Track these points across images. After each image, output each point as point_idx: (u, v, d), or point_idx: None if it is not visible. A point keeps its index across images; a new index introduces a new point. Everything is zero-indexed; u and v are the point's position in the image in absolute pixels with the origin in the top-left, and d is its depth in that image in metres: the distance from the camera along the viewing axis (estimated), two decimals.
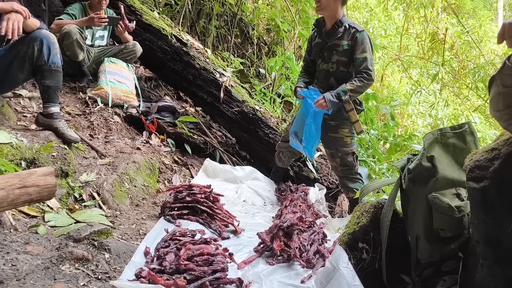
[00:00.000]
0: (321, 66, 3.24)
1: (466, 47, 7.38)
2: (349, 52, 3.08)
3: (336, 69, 3.14)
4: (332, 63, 3.15)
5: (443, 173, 1.77)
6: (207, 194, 2.65)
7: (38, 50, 2.56)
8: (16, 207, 1.62)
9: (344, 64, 3.12)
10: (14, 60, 2.56)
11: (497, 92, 1.20)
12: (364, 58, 3.02)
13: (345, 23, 3.11)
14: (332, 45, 3.13)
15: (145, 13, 4.23)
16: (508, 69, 1.18)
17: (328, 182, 3.82)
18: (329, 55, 3.16)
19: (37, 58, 2.57)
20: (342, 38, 3.09)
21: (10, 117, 2.87)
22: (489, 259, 1.41)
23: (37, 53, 2.56)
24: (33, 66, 2.59)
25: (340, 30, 3.09)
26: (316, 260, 2.16)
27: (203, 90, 4.11)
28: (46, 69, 2.60)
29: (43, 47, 2.56)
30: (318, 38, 3.25)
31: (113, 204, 2.59)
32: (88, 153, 2.96)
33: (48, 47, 2.57)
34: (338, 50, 3.11)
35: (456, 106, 7.83)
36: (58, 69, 2.65)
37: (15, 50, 2.54)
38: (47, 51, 2.57)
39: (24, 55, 2.56)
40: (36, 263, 1.75)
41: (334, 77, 3.15)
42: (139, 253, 2.05)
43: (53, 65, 2.61)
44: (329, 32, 3.15)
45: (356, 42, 3.03)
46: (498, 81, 1.20)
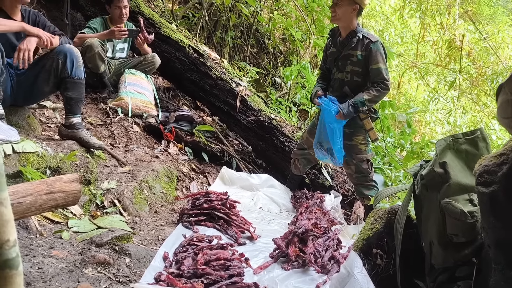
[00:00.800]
0: (335, 75, 3.27)
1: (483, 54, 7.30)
2: (363, 62, 3.11)
3: (350, 79, 3.18)
4: (346, 73, 3.19)
5: (456, 179, 1.79)
6: (223, 201, 2.71)
7: (62, 63, 2.68)
8: (43, 211, 1.71)
9: (358, 74, 3.15)
10: (40, 73, 2.69)
11: (505, 100, 1.23)
12: (379, 69, 3.05)
13: (359, 33, 3.13)
14: (346, 55, 3.17)
15: (163, 25, 4.35)
16: None
17: (344, 189, 3.83)
18: (343, 65, 3.19)
19: (61, 70, 2.69)
20: (356, 48, 3.12)
21: (35, 127, 2.99)
22: (501, 263, 1.43)
23: (61, 66, 2.69)
24: (57, 78, 2.72)
25: (354, 40, 3.13)
26: (330, 265, 2.19)
27: (219, 99, 4.20)
28: (69, 81, 2.73)
29: (66, 61, 2.69)
30: (333, 48, 3.29)
31: (133, 211, 2.67)
32: (109, 162, 3.06)
33: (71, 61, 2.70)
34: (352, 60, 3.14)
35: (475, 113, 7.74)
36: (80, 81, 2.77)
37: (41, 64, 2.67)
38: (70, 64, 2.70)
39: (49, 68, 2.69)
40: (61, 266, 1.83)
41: (348, 86, 3.19)
42: (158, 257, 2.12)
43: (76, 78, 2.73)
44: (343, 42, 3.19)
45: (370, 52, 3.06)
46: (506, 89, 1.23)
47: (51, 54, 2.69)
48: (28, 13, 2.76)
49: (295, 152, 3.59)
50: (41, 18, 2.82)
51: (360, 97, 3.05)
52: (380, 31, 8.38)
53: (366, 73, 3.13)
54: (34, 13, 2.81)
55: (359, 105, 3.04)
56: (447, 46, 6.99)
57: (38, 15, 2.82)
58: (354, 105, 3.04)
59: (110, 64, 4.10)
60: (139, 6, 4.36)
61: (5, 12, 2.62)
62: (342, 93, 3.20)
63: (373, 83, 3.09)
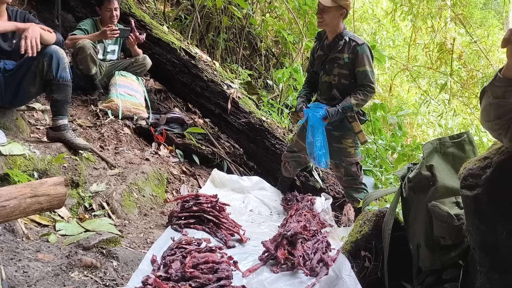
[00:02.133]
0: (323, 78, 3.29)
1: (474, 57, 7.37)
2: (350, 65, 3.13)
3: (338, 81, 3.19)
4: (333, 76, 3.20)
5: (443, 181, 1.80)
6: (213, 204, 2.71)
7: (47, 65, 2.65)
8: (28, 215, 1.69)
9: (345, 77, 3.17)
10: (26, 74, 2.66)
11: (488, 103, 1.24)
12: (366, 71, 3.08)
13: (346, 36, 3.15)
14: (333, 57, 3.18)
15: (154, 27, 4.34)
16: (499, 81, 1.22)
17: (335, 191, 3.84)
18: (331, 68, 3.21)
19: (46, 72, 2.66)
20: (342, 51, 3.14)
21: (24, 129, 2.97)
22: (486, 266, 1.44)
23: (47, 67, 2.65)
24: (43, 80, 2.69)
25: (341, 43, 3.15)
26: (319, 268, 2.19)
27: (211, 101, 4.19)
28: (55, 83, 2.70)
29: (52, 62, 2.65)
30: (320, 51, 3.30)
31: (122, 214, 2.66)
32: (98, 164, 3.04)
33: (57, 62, 2.67)
34: (339, 63, 3.16)
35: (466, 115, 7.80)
36: (66, 83, 2.74)
37: (27, 65, 2.65)
38: (55, 66, 2.66)
39: (35, 70, 2.66)
40: (47, 270, 1.81)
41: (336, 88, 3.21)
42: (146, 261, 2.11)
43: (61, 80, 2.70)
44: (330, 45, 3.20)
45: (357, 55, 3.08)
46: (489, 92, 1.24)
47: (36, 55, 2.65)
48: (16, 13, 2.73)
49: (285, 154, 3.60)
50: (30, 17, 2.78)
51: (348, 102, 3.08)
52: (372, 34, 8.43)
53: (353, 75, 3.15)
54: (22, 12, 2.78)
55: (347, 111, 3.10)
56: (438, 49, 7.04)
57: (27, 14, 2.79)
58: (342, 110, 3.09)
59: (101, 66, 4.08)
60: (130, 7, 4.35)
61: None
62: (331, 96, 3.22)
63: (360, 86, 3.12)
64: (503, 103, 1.19)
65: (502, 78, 1.19)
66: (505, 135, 1.22)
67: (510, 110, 1.19)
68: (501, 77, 1.19)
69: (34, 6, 4.50)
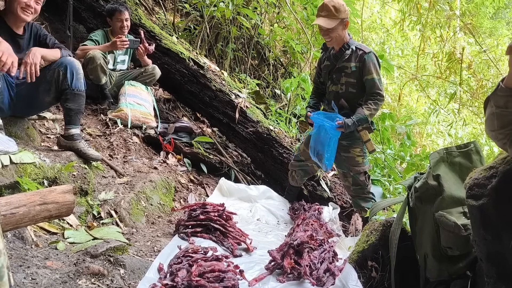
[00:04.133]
0: (330, 88, 3.30)
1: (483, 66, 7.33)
2: (357, 73, 3.14)
3: (345, 90, 3.20)
4: (341, 85, 3.21)
5: (449, 191, 1.79)
6: (220, 213, 2.71)
7: (62, 74, 2.72)
8: (37, 222, 1.72)
9: (353, 85, 3.18)
10: (40, 84, 2.72)
11: (491, 113, 1.24)
12: (373, 79, 3.09)
13: (352, 46, 3.17)
14: (340, 67, 3.20)
15: (164, 37, 4.40)
16: (502, 91, 1.22)
17: (342, 201, 3.82)
18: (338, 77, 3.22)
19: (61, 82, 2.73)
20: (349, 60, 3.16)
21: (35, 138, 3.01)
22: (493, 277, 1.42)
23: (62, 77, 2.72)
24: (58, 90, 2.75)
25: (347, 53, 3.16)
26: (326, 278, 2.17)
27: (219, 111, 4.22)
28: (69, 93, 2.76)
29: (67, 72, 2.72)
30: (327, 61, 3.32)
31: (130, 222, 2.68)
32: (107, 172, 3.07)
33: (71, 72, 2.74)
34: (346, 72, 3.17)
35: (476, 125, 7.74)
36: (80, 93, 2.80)
37: (42, 75, 2.70)
38: (70, 76, 2.73)
39: (50, 80, 2.72)
40: (55, 277, 1.83)
41: (343, 98, 3.22)
42: (153, 269, 2.11)
43: (76, 89, 2.77)
44: (337, 55, 3.23)
45: (364, 64, 3.10)
46: (492, 102, 1.24)
47: (52, 66, 2.72)
48: (31, 26, 2.81)
49: (292, 163, 3.60)
50: (42, 31, 2.87)
51: (362, 114, 3.07)
52: (381, 44, 8.44)
53: (360, 84, 3.16)
54: (36, 26, 2.85)
55: (362, 122, 3.10)
56: (447, 58, 7.02)
57: (40, 28, 2.87)
58: (357, 122, 3.08)
59: (111, 76, 4.14)
60: (141, 18, 4.42)
61: (9, 27, 2.67)
62: (338, 105, 3.23)
63: (369, 95, 3.13)
64: (505, 112, 1.19)
65: (504, 88, 1.19)
66: (510, 145, 1.21)
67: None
68: (503, 87, 1.20)
69: (47, 17, 4.60)
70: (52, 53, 2.75)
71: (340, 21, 3.07)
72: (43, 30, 2.88)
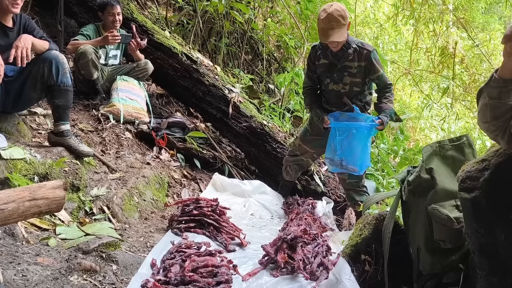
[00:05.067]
0: (330, 86, 3.20)
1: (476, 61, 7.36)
2: (362, 72, 3.09)
3: (349, 90, 3.14)
4: (344, 84, 3.14)
5: (442, 185, 1.79)
6: (213, 208, 2.70)
7: (48, 70, 2.66)
8: (26, 218, 1.70)
9: (357, 84, 3.13)
10: (27, 80, 2.68)
11: (484, 104, 1.24)
12: (382, 75, 3.11)
13: (353, 44, 3.07)
14: (343, 66, 3.10)
15: (156, 32, 4.36)
16: (495, 82, 1.21)
17: (336, 195, 3.83)
18: (340, 77, 3.13)
19: (47, 78, 2.68)
20: (353, 59, 3.07)
21: (25, 134, 2.98)
22: (485, 270, 1.43)
23: (47, 73, 2.67)
24: (44, 85, 2.70)
25: (350, 52, 3.06)
26: (319, 272, 2.17)
27: (212, 106, 4.20)
28: (56, 89, 2.71)
29: (52, 68, 2.67)
30: (324, 59, 3.19)
31: (122, 218, 2.66)
32: (99, 168, 3.05)
33: (57, 67, 2.68)
34: (350, 71, 3.09)
35: (469, 119, 7.78)
36: (67, 88, 2.75)
37: (27, 70, 2.66)
38: (56, 72, 2.68)
39: (36, 75, 2.67)
40: (46, 273, 1.81)
41: (346, 96, 3.16)
42: (145, 265, 2.10)
43: (62, 85, 2.71)
44: (338, 54, 3.10)
45: (371, 63, 3.05)
46: (485, 93, 1.24)
47: (37, 61, 2.66)
48: (19, 17, 2.76)
49: (286, 159, 3.59)
50: (31, 22, 2.82)
51: (390, 108, 3.07)
52: (374, 39, 8.44)
53: (364, 82, 3.14)
54: (24, 17, 2.81)
55: (393, 116, 3.10)
56: (440, 53, 7.03)
57: (28, 19, 2.82)
58: (390, 117, 3.07)
59: (103, 71, 4.10)
60: (132, 13, 4.38)
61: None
62: (341, 103, 3.17)
63: (383, 89, 3.14)
64: (498, 104, 1.19)
65: (498, 79, 1.19)
66: (502, 136, 1.21)
67: (506, 111, 1.19)
68: (496, 78, 1.19)
69: (37, 12, 4.54)
70: (40, 43, 2.68)
71: (344, 25, 2.94)
72: (32, 22, 2.83)
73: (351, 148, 3.03)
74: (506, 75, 1.18)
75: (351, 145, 3.03)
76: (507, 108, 1.19)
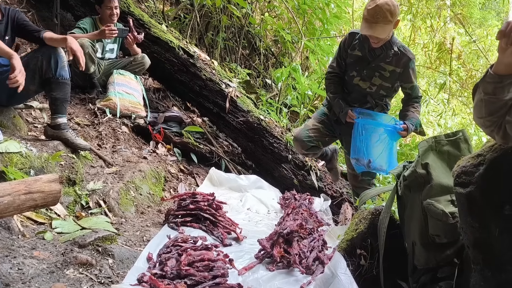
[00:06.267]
0: (355, 81, 3.03)
1: (473, 57, 7.36)
2: (395, 78, 2.94)
3: (376, 91, 3.01)
4: (372, 84, 2.99)
5: (438, 180, 1.80)
6: (210, 202, 2.71)
7: (46, 63, 2.66)
8: (22, 212, 1.70)
9: (386, 88, 3.00)
10: (25, 72, 2.66)
11: (479, 99, 1.25)
12: (415, 86, 3.00)
13: (395, 46, 2.87)
14: (376, 66, 2.93)
15: (153, 26, 4.34)
16: (490, 77, 1.22)
17: (332, 191, 3.84)
18: (370, 75, 2.97)
19: (45, 71, 2.67)
20: (391, 63, 2.89)
21: (21, 127, 2.97)
22: (480, 264, 1.44)
23: (46, 66, 2.66)
24: (42, 78, 2.69)
25: (390, 54, 2.87)
26: (315, 266, 2.18)
27: (209, 100, 4.19)
28: (54, 82, 2.70)
29: (51, 61, 2.66)
30: (358, 51, 2.98)
31: (119, 212, 2.66)
32: (96, 162, 3.04)
33: (55, 61, 2.67)
34: (382, 74, 2.93)
35: (465, 115, 7.80)
36: (65, 81, 2.74)
37: (25, 63, 2.64)
38: (54, 65, 2.67)
39: (34, 68, 2.66)
40: (42, 267, 1.81)
41: (371, 95, 3.05)
42: (142, 258, 2.10)
43: (60, 78, 2.71)
44: (376, 52, 2.90)
45: (408, 71, 2.92)
46: (480, 89, 1.24)
47: (36, 54, 2.66)
48: (8, 10, 2.74)
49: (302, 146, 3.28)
50: (20, 15, 2.79)
51: (416, 118, 2.97)
52: None
53: (394, 88, 3.02)
54: (13, 10, 2.79)
55: (418, 127, 3.01)
56: (437, 48, 7.03)
57: (18, 12, 2.80)
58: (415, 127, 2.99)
59: (99, 65, 4.08)
60: (129, 6, 4.35)
61: None
62: (363, 100, 3.07)
63: (414, 98, 3.03)
64: (493, 99, 1.19)
65: (493, 75, 1.19)
66: (498, 132, 1.22)
67: (501, 107, 1.19)
68: (492, 74, 1.20)
69: (33, 5, 4.50)
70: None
71: (391, 23, 2.71)
72: (21, 15, 2.80)
73: (377, 147, 2.94)
74: (501, 71, 1.18)
75: (377, 145, 2.94)
76: (502, 103, 1.19)
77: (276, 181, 3.96)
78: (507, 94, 1.19)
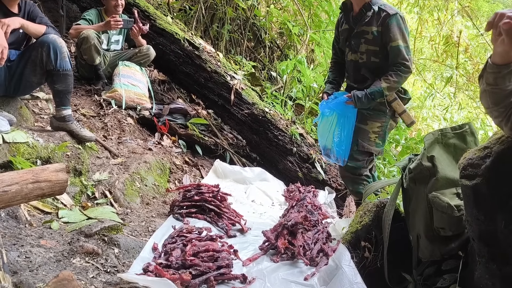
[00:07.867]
0: (349, 57, 2.86)
1: (481, 50, 7.29)
2: (380, 39, 2.69)
3: (367, 60, 2.76)
4: (361, 53, 2.77)
5: (443, 172, 1.79)
6: (214, 193, 2.72)
7: (46, 55, 2.62)
8: (29, 201, 1.71)
9: (375, 54, 2.73)
10: (26, 64, 2.66)
11: (483, 90, 1.24)
12: (398, 47, 2.64)
13: (374, 6, 2.69)
14: (359, 32, 2.74)
15: (158, 18, 4.33)
16: (490, 68, 1.21)
17: (337, 183, 3.84)
18: (357, 44, 2.77)
19: (46, 62, 2.64)
20: (371, 23, 2.68)
21: (28, 118, 2.98)
22: (485, 257, 1.44)
23: (46, 57, 2.63)
24: (43, 70, 2.67)
25: (368, 14, 2.68)
26: (319, 258, 2.19)
27: (214, 92, 4.19)
28: (55, 74, 2.67)
29: (50, 52, 2.62)
30: (345, 24, 2.85)
31: (124, 202, 2.68)
32: (102, 153, 3.06)
33: (55, 52, 2.63)
34: (366, 37, 2.72)
35: (471, 109, 7.74)
36: (67, 72, 2.70)
37: (27, 55, 2.65)
38: (54, 56, 2.63)
39: (35, 59, 2.64)
40: (49, 256, 1.83)
41: (365, 67, 2.79)
42: (147, 248, 2.12)
43: (61, 69, 2.67)
44: (356, 17, 2.75)
45: (388, 28, 2.63)
46: (483, 79, 1.24)
47: (36, 45, 2.63)
48: (24, 4, 2.74)
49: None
50: (35, 9, 2.80)
51: (377, 86, 2.66)
52: None
53: (385, 52, 2.72)
54: (29, 4, 2.78)
55: (376, 96, 2.68)
56: (444, 42, 6.97)
57: (33, 5, 2.80)
58: (371, 96, 2.67)
59: (105, 56, 4.08)
60: None
61: (4, 6, 2.61)
62: (360, 77, 2.82)
63: (392, 64, 2.68)
64: (496, 89, 1.19)
65: (492, 65, 1.18)
66: (506, 123, 1.21)
67: (505, 97, 1.19)
68: (491, 64, 1.19)
69: None
70: (34, 26, 2.63)
71: None
72: (36, 9, 2.81)
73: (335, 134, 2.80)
74: (497, 61, 1.17)
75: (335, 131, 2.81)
76: (506, 93, 1.18)
77: (280, 173, 3.96)
78: (509, 84, 1.18)
